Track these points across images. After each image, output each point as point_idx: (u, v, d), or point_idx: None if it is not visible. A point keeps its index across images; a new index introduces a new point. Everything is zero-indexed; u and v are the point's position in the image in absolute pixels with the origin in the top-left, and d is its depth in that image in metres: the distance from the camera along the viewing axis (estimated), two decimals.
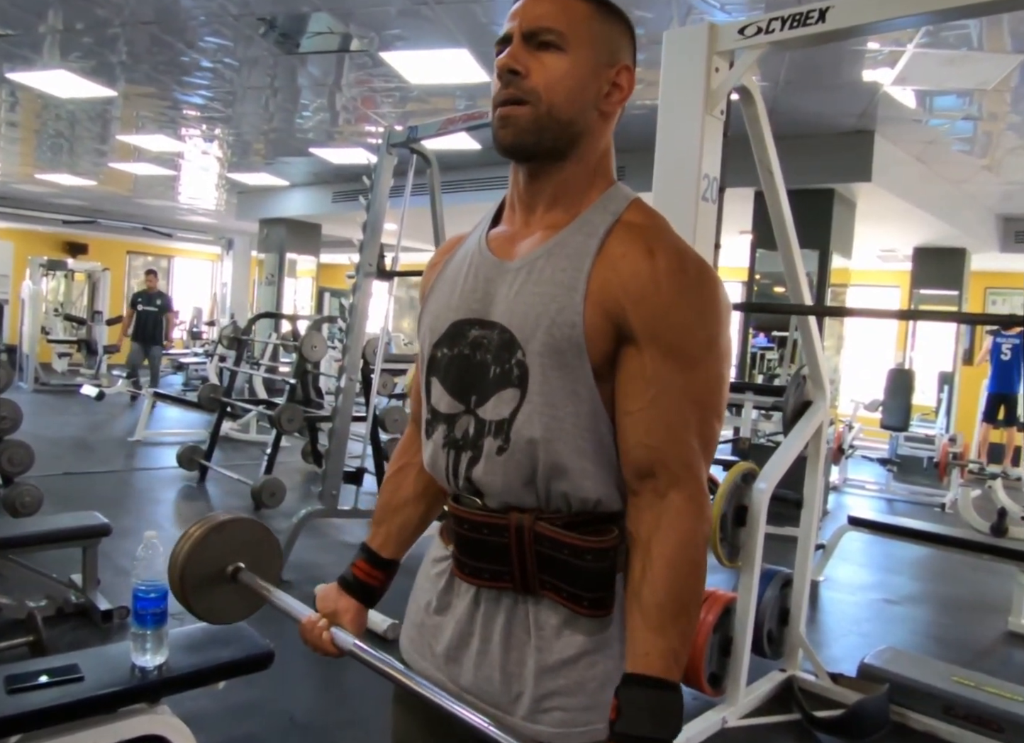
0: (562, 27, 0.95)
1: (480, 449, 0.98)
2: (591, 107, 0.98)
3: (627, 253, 0.93)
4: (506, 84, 0.96)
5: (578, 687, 0.97)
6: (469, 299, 1.02)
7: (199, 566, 1.27)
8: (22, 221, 12.30)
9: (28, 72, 5.45)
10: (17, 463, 4.40)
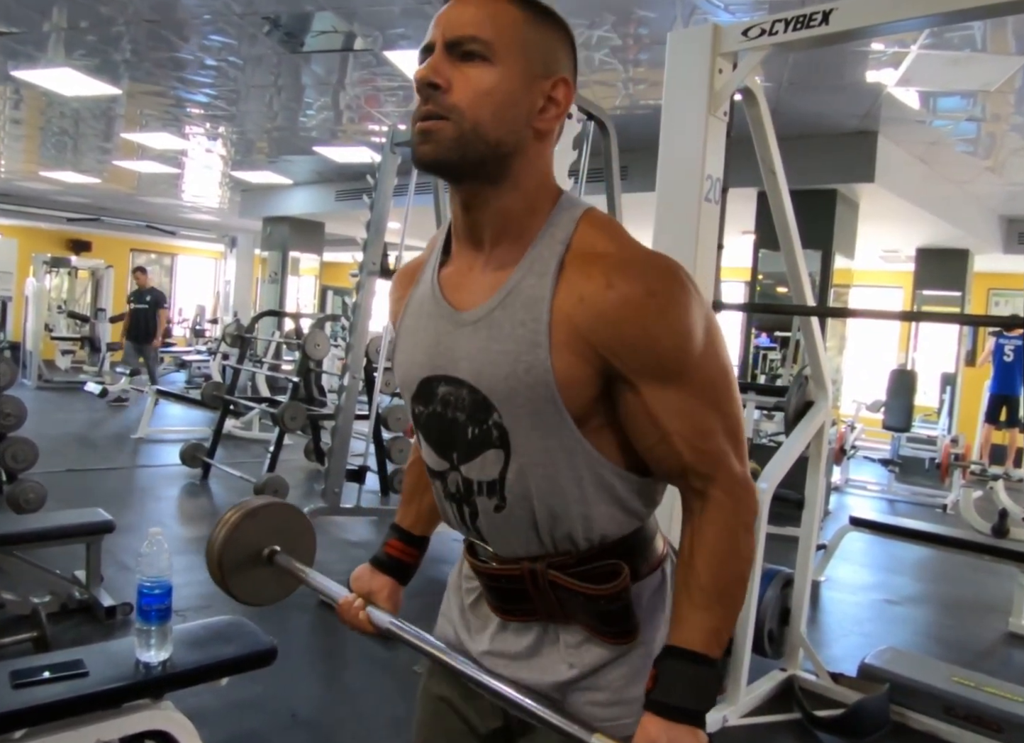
0: (488, 35, 0.86)
1: (475, 506, 0.98)
2: (523, 124, 0.90)
3: (585, 295, 0.87)
4: (425, 99, 0.87)
5: (608, 685, 1.00)
6: (432, 354, 0.97)
7: (236, 550, 1.30)
8: (26, 218, 12.33)
9: (33, 70, 5.47)
10: (21, 460, 4.42)
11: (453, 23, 0.88)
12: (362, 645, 3.28)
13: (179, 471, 6.02)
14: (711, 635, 0.91)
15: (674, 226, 2.12)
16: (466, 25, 0.87)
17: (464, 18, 0.87)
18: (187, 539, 4.61)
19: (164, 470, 6.18)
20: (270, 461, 5.38)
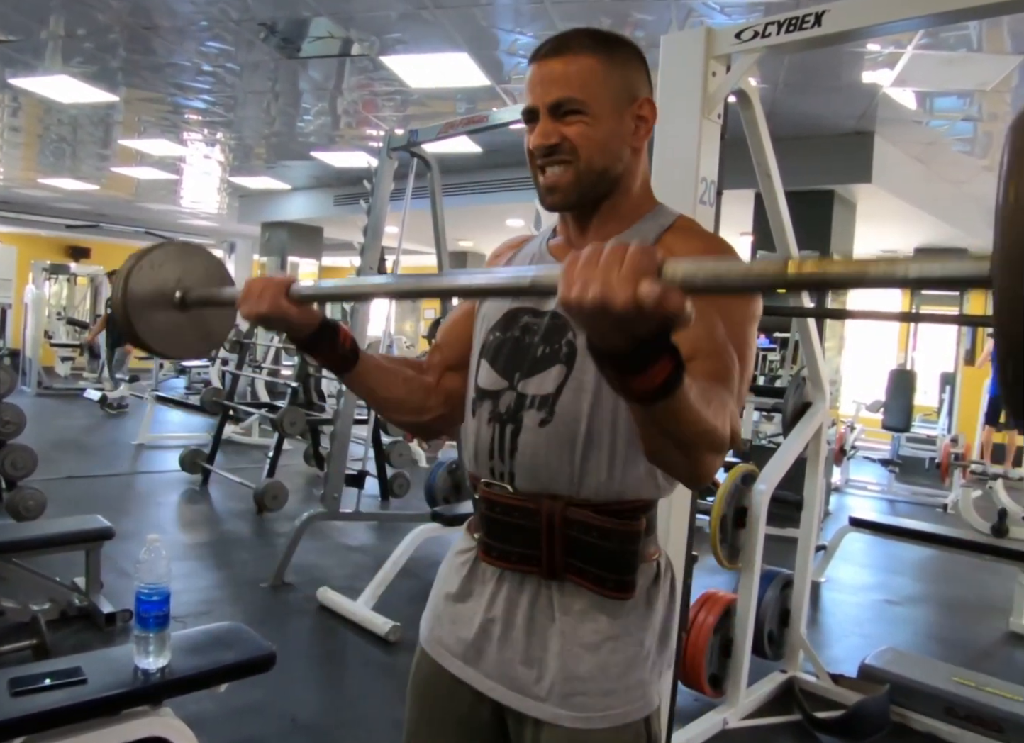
0: (580, 94, 1.00)
1: (520, 421, 1.04)
2: (623, 149, 1.05)
3: (678, 239, 1.04)
4: (546, 155, 1.03)
5: (600, 672, 1.02)
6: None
7: (141, 296, 1.19)
8: (25, 226, 12.34)
9: (30, 77, 5.47)
10: (20, 467, 4.42)
11: (548, 88, 1.02)
12: (362, 650, 3.29)
13: (179, 477, 6.03)
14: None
15: None
16: (560, 88, 1.01)
17: (554, 81, 1.01)
18: (187, 545, 4.60)
19: (164, 476, 6.18)
20: (269, 466, 5.38)
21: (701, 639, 2.73)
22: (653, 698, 1.06)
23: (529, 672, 1.04)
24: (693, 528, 2.24)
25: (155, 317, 1.21)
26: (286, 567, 3.98)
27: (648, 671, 1.06)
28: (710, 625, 2.75)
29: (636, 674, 1.04)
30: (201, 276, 1.26)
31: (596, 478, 1.01)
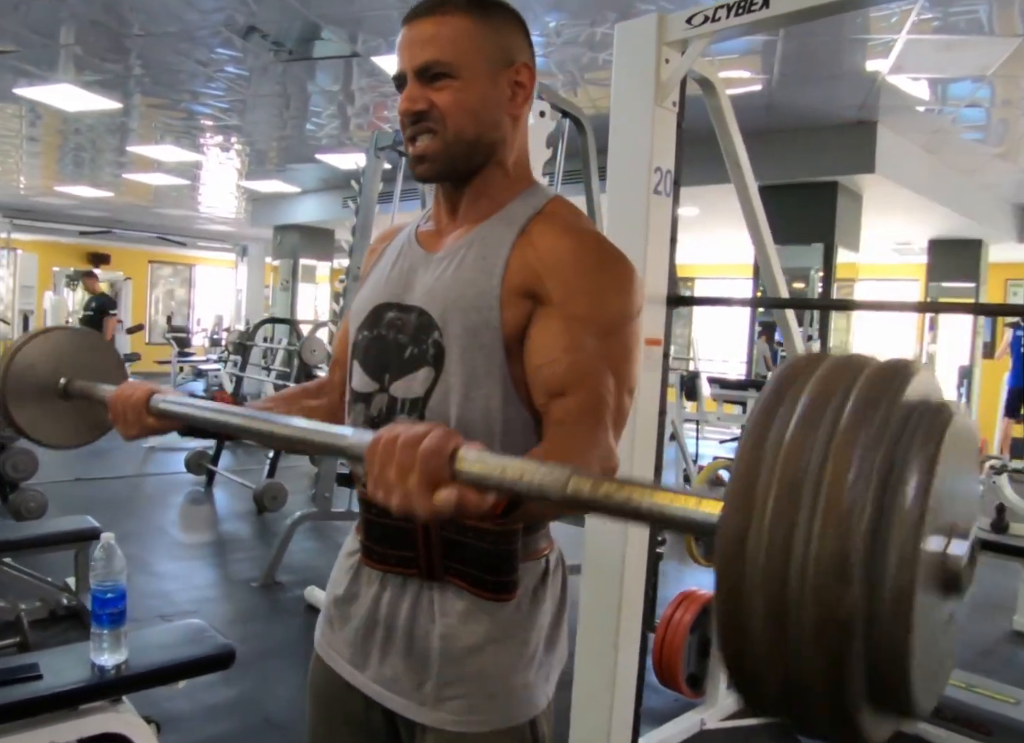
0: (449, 56, 0.95)
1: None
2: (499, 115, 1.00)
3: (545, 232, 0.98)
4: (413, 123, 0.98)
5: (482, 675, 0.99)
6: (392, 285, 1.06)
7: (27, 373, 1.19)
8: (45, 233, 12.55)
9: (37, 87, 5.53)
10: (21, 469, 4.49)
11: (415, 50, 0.97)
12: None
13: (186, 479, 6.08)
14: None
15: (624, 220, 2.09)
16: (428, 50, 0.96)
17: (424, 43, 0.96)
18: (186, 545, 4.65)
19: (171, 478, 6.25)
20: (269, 467, 5.41)
21: (677, 638, 2.68)
22: (540, 700, 1.03)
23: (412, 677, 1.01)
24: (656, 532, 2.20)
25: (36, 406, 1.20)
26: (277, 566, 3.99)
27: (534, 673, 1.02)
28: (686, 624, 2.70)
29: (521, 676, 1.01)
30: (87, 363, 1.24)
31: None
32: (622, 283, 0.96)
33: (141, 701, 2.31)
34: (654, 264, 2.07)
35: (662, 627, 2.72)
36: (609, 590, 2.12)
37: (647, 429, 2.11)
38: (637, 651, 2.20)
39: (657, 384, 2.14)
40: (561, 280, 0.94)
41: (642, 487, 0.59)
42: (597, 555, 2.17)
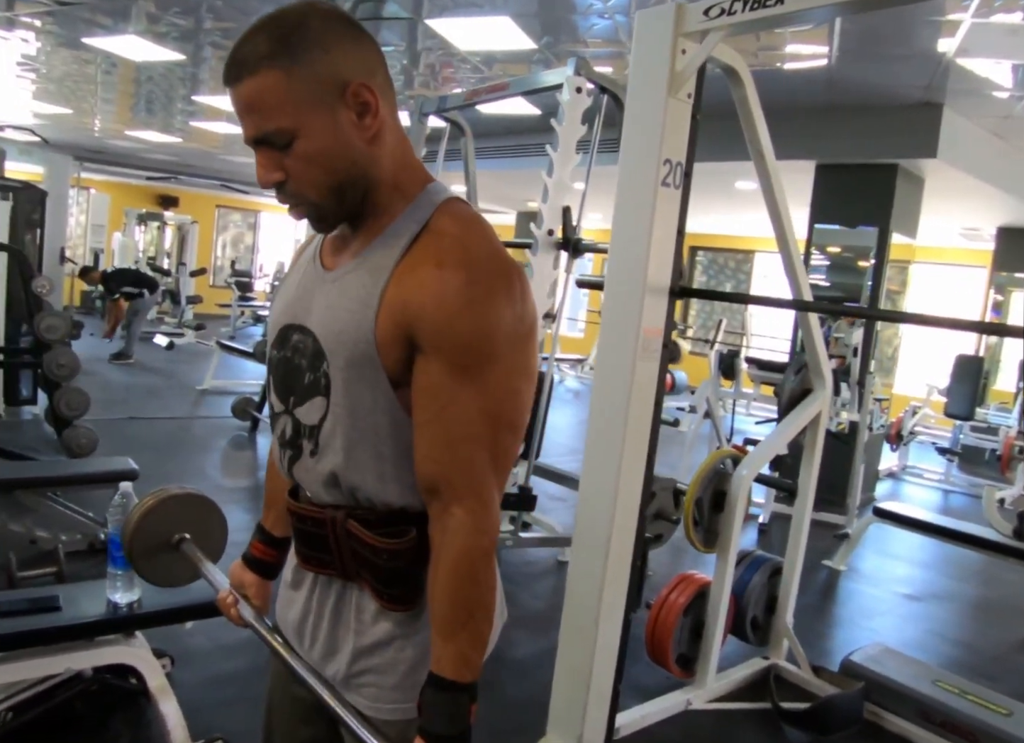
0: (276, 123, 0.91)
1: (300, 449, 1.06)
2: (354, 149, 0.95)
3: (416, 266, 0.94)
4: (279, 195, 0.97)
5: (389, 667, 1.06)
6: (295, 305, 1.07)
7: (147, 533, 1.39)
8: (117, 175, 12.92)
9: (106, 37, 5.69)
10: (74, 407, 4.74)
11: (245, 121, 0.93)
12: None
13: (232, 423, 6.32)
14: (459, 661, 0.95)
15: (630, 210, 2.10)
16: (255, 122, 0.92)
17: (249, 114, 0.92)
18: (224, 488, 4.86)
19: (219, 421, 6.48)
20: None
21: (670, 618, 2.74)
22: None
23: (332, 663, 1.09)
24: (645, 510, 2.25)
25: (154, 551, 1.40)
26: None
27: None
28: (680, 605, 2.75)
29: (424, 672, 1.02)
30: (201, 526, 1.45)
31: (368, 498, 1.02)
32: (496, 316, 0.92)
33: (162, 636, 2.49)
34: (657, 256, 2.09)
35: (656, 607, 2.79)
36: (594, 566, 2.18)
37: (640, 417, 2.14)
38: (619, 628, 2.26)
39: (655, 374, 2.16)
40: (428, 327, 0.92)
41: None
42: (585, 531, 2.23)
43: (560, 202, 3.28)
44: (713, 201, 8.27)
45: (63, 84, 7.71)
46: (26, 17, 5.39)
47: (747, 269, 12.43)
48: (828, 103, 5.38)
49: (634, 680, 2.78)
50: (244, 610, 1.25)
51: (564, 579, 2.32)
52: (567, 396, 10.28)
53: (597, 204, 4.13)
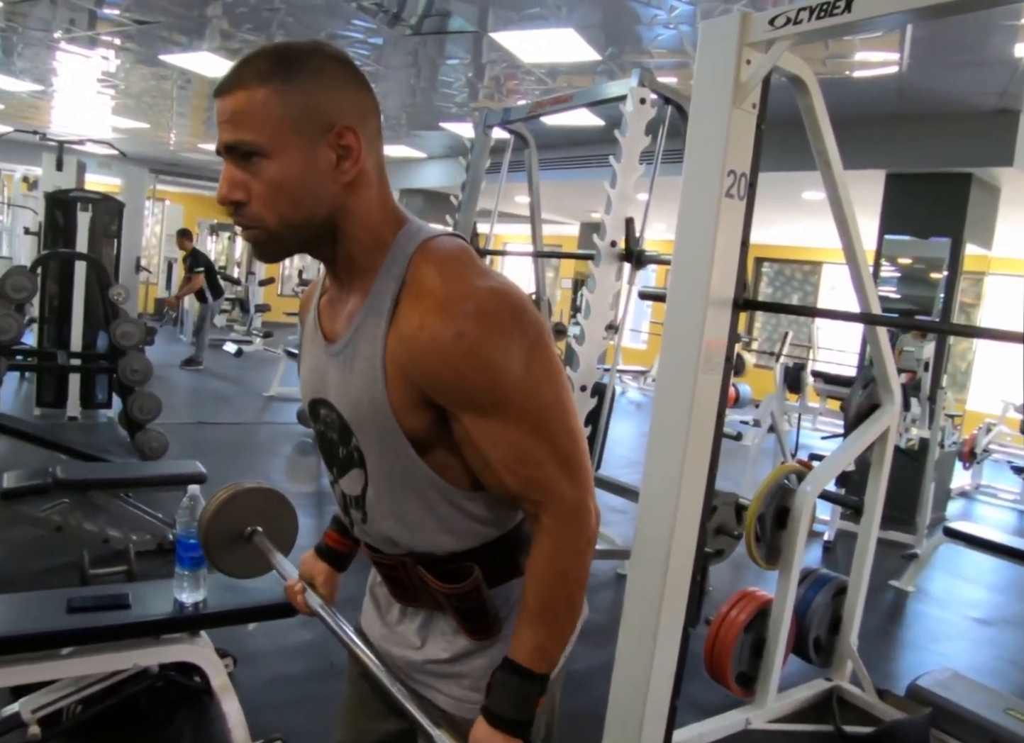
0: (252, 135, 0.88)
1: (351, 517, 1.12)
2: (324, 188, 0.92)
3: (404, 335, 0.91)
4: (233, 211, 0.93)
5: (469, 672, 1.10)
6: (314, 379, 1.07)
7: (221, 524, 1.43)
8: (190, 186, 13.34)
9: (182, 54, 5.90)
10: (146, 411, 4.90)
11: (223, 127, 0.91)
12: None
13: (297, 430, 6.44)
14: (536, 651, 0.99)
15: (694, 222, 2.08)
16: (232, 129, 0.89)
17: (228, 121, 0.90)
18: (289, 494, 4.79)
19: (284, 427, 6.62)
20: None
21: (730, 635, 2.70)
22: None
23: (411, 653, 1.14)
24: (706, 524, 2.22)
25: (228, 544, 1.45)
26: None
27: None
28: (741, 622, 2.70)
29: None
30: (273, 520, 1.49)
31: (428, 547, 1.06)
32: (493, 351, 0.89)
33: (226, 636, 2.55)
34: (721, 267, 2.06)
35: (716, 623, 2.74)
36: (653, 580, 2.15)
37: (702, 430, 2.12)
38: (677, 644, 2.23)
39: (717, 387, 2.13)
40: (441, 390, 0.92)
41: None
42: (645, 544, 2.21)
43: (623, 213, 3.27)
44: (779, 212, 8.15)
45: (141, 100, 8.02)
46: (107, 36, 5.63)
47: (814, 281, 12.18)
48: (899, 111, 5.26)
49: (692, 697, 2.74)
50: (311, 598, 1.28)
51: (623, 592, 2.31)
52: (629, 408, 10.21)
53: (660, 214, 4.11)
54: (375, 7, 4.46)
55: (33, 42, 5.98)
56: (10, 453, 4.55)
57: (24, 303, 4.72)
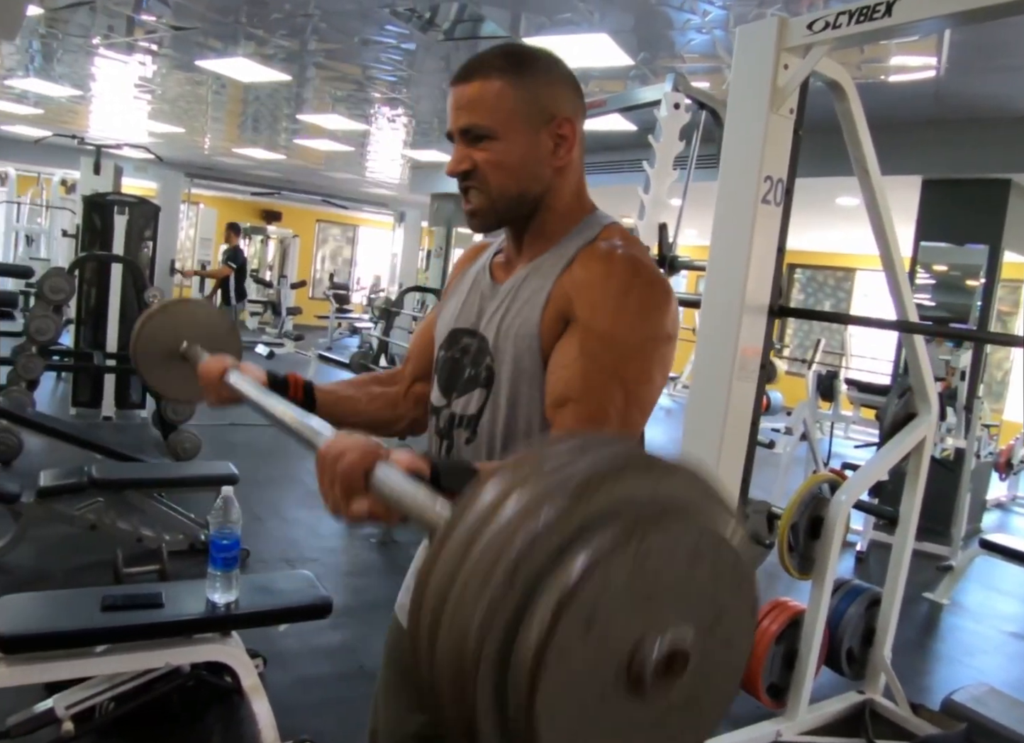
0: (487, 120, 1.03)
1: (453, 438, 1.15)
2: (541, 170, 1.07)
3: (584, 260, 1.06)
4: (460, 182, 1.08)
5: None
6: (467, 312, 1.17)
7: (152, 341, 1.40)
8: (224, 190, 13.52)
9: (217, 59, 5.98)
10: (180, 412, 4.96)
11: (458, 113, 1.05)
12: None
13: None
14: None
15: (729, 228, 2.07)
16: (468, 115, 1.04)
17: (464, 107, 1.05)
18: (317, 495, 4.94)
19: None
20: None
21: (760, 646, 2.66)
22: None
23: None
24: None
25: (161, 363, 1.41)
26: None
27: None
28: (772, 633, 2.67)
29: None
30: (206, 334, 1.43)
31: None
32: (649, 306, 1.01)
33: (257, 637, 2.57)
34: (757, 274, 2.05)
35: None
36: None
37: (736, 438, 2.10)
38: None
39: (752, 395, 2.12)
40: (587, 300, 1.01)
41: None
42: None
43: (656, 219, 3.26)
44: (813, 217, 8.06)
45: (176, 104, 8.13)
46: (144, 42, 5.72)
47: (847, 287, 12.03)
48: (936, 116, 5.18)
49: None
50: (237, 378, 1.20)
51: None
52: (659, 414, 10.14)
53: (693, 220, 4.09)
54: (408, 13, 4.49)
55: (73, 48, 6.09)
56: (47, 451, 4.62)
57: (62, 305, 4.81)
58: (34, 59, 6.68)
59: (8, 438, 4.40)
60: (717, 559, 0.55)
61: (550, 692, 0.49)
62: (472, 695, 0.50)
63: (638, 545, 0.50)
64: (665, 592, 0.53)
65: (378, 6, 4.43)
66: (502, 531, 0.50)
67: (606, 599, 0.50)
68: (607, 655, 0.51)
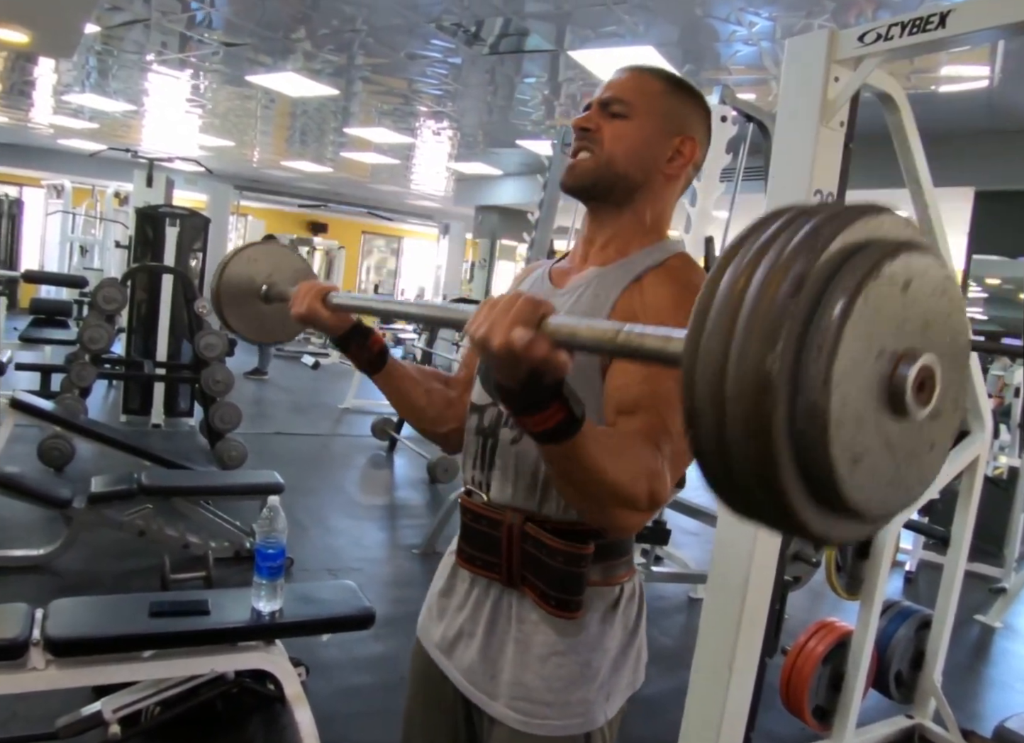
0: (630, 99, 1.10)
1: (498, 437, 1.13)
2: (652, 167, 1.11)
3: (655, 281, 1.07)
4: (579, 138, 1.12)
5: (544, 684, 1.08)
6: None
7: (232, 285, 1.40)
8: (271, 202, 13.77)
9: (267, 74, 6.11)
10: (227, 421, 5.04)
11: (609, 87, 1.13)
12: None
13: (370, 442, 6.53)
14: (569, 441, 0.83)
15: None
16: (617, 91, 1.12)
17: (618, 85, 1.12)
18: (361, 506, 5.02)
19: (358, 440, 6.72)
20: None
21: (807, 667, 2.61)
22: (597, 717, 1.10)
23: (486, 671, 1.12)
24: (785, 552, 2.16)
25: (243, 305, 1.41)
26: (438, 537, 4.21)
27: (595, 691, 1.09)
28: (819, 654, 2.61)
29: (579, 692, 1.08)
30: (288, 275, 1.43)
31: (557, 497, 1.06)
32: None
33: (301, 646, 2.59)
34: None
35: (793, 654, 2.66)
36: (731, 607, 2.10)
37: None
38: (754, 674, 2.17)
39: None
40: (655, 321, 0.98)
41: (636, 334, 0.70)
42: (722, 570, 2.16)
43: (703, 232, 3.24)
44: None
45: (227, 118, 8.32)
46: (195, 58, 5.87)
47: None
48: (989, 126, 5.08)
49: (766, 729, 2.66)
50: (341, 296, 1.19)
51: (695, 616, 2.26)
52: None
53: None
54: (454, 27, 4.54)
55: (127, 64, 6.27)
56: (97, 458, 4.73)
57: (115, 314, 4.92)
58: (90, 75, 6.90)
59: (61, 444, 4.51)
60: (955, 295, 0.59)
61: (840, 397, 0.51)
62: (768, 417, 0.51)
63: (901, 269, 0.54)
64: (918, 318, 0.56)
65: (424, 21, 4.48)
66: (778, 253, 0.53)
67: (877, 317, 0.53)
68: (878, 368, 0.54)
